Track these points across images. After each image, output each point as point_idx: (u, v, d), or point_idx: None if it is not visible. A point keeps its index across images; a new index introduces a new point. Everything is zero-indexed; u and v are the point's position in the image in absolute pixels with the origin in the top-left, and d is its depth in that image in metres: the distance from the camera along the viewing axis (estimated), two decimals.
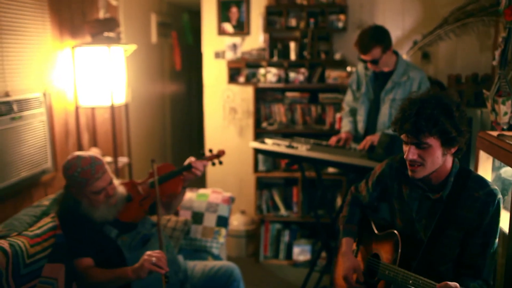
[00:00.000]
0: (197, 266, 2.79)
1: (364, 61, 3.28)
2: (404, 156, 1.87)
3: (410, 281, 1.82)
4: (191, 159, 2.75)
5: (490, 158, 2.45)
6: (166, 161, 5.71)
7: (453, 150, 1.86)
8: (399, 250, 1.95)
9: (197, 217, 3.25)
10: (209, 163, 2.80)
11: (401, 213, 2.06)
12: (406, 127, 1.80)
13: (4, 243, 2.06)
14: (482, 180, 1.91)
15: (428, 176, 1.89)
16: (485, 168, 2.46)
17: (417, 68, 3.34)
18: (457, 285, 1.61)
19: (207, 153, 2.82)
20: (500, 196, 1.86)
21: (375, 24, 3.36)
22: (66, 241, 2.36)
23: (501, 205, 1.86)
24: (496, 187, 1.88)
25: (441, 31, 3.73)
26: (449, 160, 1.90)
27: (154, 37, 5.49)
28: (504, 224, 2.11)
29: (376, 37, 3.17)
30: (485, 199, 1.84)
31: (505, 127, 2.65)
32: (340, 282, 2.25)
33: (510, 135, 2.29)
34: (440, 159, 1.84)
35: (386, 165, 2.15)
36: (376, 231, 2.17)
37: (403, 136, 1.86)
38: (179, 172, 2.72)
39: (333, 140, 3.40)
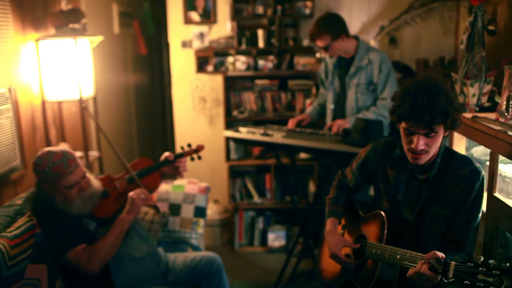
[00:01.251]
0: (178, 258, 2.79)
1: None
2: (412, 146, 1.88)
3: (398, 256, 1.89)
4: (167, 154, 2.73)
5: (464, 139, 2.54)
6: (132, 152, 5.64)
7: (447, 133, 1.92)
8: (385, 229, 2.00)
9: (174, 209, 3.24)
10: (188, 159, 2.79)
11: (387, 195, 2.12)
12: (423, 120, 1.80)
13: None
14: (466, 158, 2.00)
15: None
16: (459, 148, 2.56)
17: (376, 50, 3.41)
18: (443, 255, 1.68)
19: (186, 148, 2.82)
20: (484, 173, 1.95)
21: (329, 12, 3.43)
22: (48, 238, 2.31)
23: (485, 182, 1.96)
24: (479, 165, 1.96)
25: (407, 16, 3.83)
26: None
27: (116, 28, 5.37)
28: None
29: (323, 25, 3.22)
30: (470, 176, 1.93)
31: (473, 107, 2.75)
32: (327, 264, 2.30)
33: (483, 116, 2.38)
34: (439, 143, 1.92)
35: (370, 149, 2.20)
36: (361, 214, 2.22)
37: (411, 127, 1.86)
38: (157, 167, 2.71)
39: (289, 123, 3.51)
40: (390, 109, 1.95)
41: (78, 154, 3.52)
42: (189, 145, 2.83)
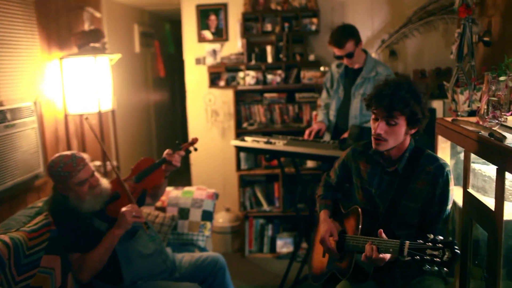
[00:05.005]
0: (185, 257, 2.98)
1: (340, 57, 3.51)
2: (373, 131, 2.12)
3: None
4: (167, 151, 2.94)
5: (448, 142, 2.69)
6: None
7: (413, 131, 2.13)
8: (360, 221, 2.19)
9: (183, 213, 3.45)
10: (184, 152, 2.98)
11: (363, 190, 2.32)
12: (383, 103, 2.04)
13: (5, 237, 2.25)
14: (433, 156, 2.19)
15: (389, 150, 2.15)
16: (444, 151, 2.70)
17: (384, 64, 3.60)
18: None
19: (183, 144, 3.02)
20: (448, 168, 2.13)
21: (343, 23, 3.61)
22: (59, 236, 2.54)
23: (450, 176, 2.12)
24: (445, 162, 2.15)
25: (406, 29, 4.01)
26: (407, 139, 2.17)
27: (137, 47, 5.69)
28: (458, 199, 2.35)
29: (347, 32, 3.45)
30: (435, 172, 2.11)
31: (464, 114, 2.89)
32: (316, 262, 2.48)
33: (463, 119, 2.52)
34: (402, 137, 2.12)
35: (350, 150, 2.42)
36: (343, 211, 2.42)
37: (375, 111, 2.10)
38: (159, 165, 2.91)
39: (306, 133, 3.64)
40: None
41: (97, 163, 3.80)
42: (184, 141, 3.05)
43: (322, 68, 4.39)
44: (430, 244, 1.78)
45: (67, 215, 2.57)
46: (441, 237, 1.78)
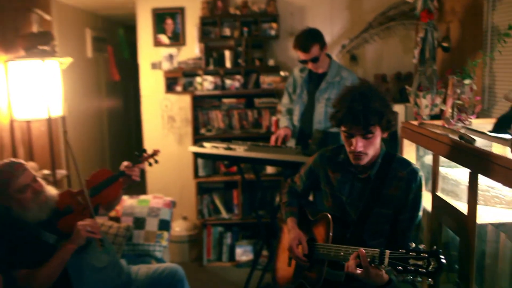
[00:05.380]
0: (141, 269, 2.82)
1: (305, 62, 3.44)
2: (351, 148, 2.01)
3: (342, 253, 1.98)
4: (126, 163, 2.78)
5: (413, 145, 2.67)
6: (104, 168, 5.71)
7: (386, 134, 2.06)
8: (331, 229, 2.10)
9: (139, 223, 3.29)
10: (146, 164, 2.84)
11: (332, 197, 2.23)
12: (359, 122, 1.93)
13: None
14: (404, 161, 2.12)
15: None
16: (410, 154, 2.68)
17: (348, 69, 3.57)
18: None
19: (143, 155, 2.87)
20: (421, 173, 2.07)
21: (308, 27, 3.56)
22: (2, 252, 2.33)
23: (423, 182, 2.07)
24: (417, 166, 2.09)
25: (366, 34, 4.01)
26: (380, 145, 2.10)
27: (89, 52, 5.49)
28: (427, 204, 2.32)
29: (313, 36, 3.38)
30: (408, 177, 2.05)
31: (427, 118, 2.89)
32: (282, 271, 2.37)
33: (429, 123, 2.51)
34: (379, 144, 2.05)
35: (318, 156, 2.33)
36: (310, 218, 2.32)
37: (349, 130, 1.99)
38: (116, 178, 2.75)
39: (272, 140, 3.55)
40: (329, 115, 2.07)
41: (46, 172, 3.58)
42: (144, 151, 2.88)
43: (282, 73, 4.34)
44: (413, 253, 1.69)
45: (10, 228, 2.37)
46: (423, 246, 1.70)
